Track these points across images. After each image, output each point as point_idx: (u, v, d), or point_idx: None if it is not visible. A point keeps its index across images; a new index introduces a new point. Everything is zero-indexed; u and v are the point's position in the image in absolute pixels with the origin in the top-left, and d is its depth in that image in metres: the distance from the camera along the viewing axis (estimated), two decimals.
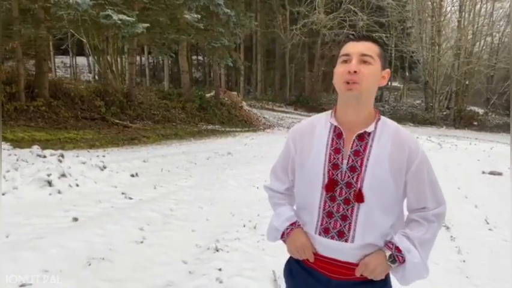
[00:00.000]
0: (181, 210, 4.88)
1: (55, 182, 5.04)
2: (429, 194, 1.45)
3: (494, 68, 29.48)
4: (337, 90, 1.44)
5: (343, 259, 1.44)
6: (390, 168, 1.39)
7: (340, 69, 1.40)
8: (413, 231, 1.44)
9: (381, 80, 1.44)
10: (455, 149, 14.97)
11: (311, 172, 1.46)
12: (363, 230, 1.41)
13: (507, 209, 6.32)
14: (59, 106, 11.81)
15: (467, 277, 3.72)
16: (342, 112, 1.45)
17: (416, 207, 1.48)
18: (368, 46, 1.40)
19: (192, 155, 9.26)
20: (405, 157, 1.40)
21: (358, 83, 1.35)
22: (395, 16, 28.37)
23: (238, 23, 16.80)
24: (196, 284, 3.04)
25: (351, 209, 1.40)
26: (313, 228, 1.47)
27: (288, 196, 1.64)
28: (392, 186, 1.40)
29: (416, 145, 1.43)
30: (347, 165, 1.41)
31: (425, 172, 1.44)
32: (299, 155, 1.51)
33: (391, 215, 1.45)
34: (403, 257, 1.39)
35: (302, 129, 1.55)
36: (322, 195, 1.44)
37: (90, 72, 33.59)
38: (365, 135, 1.42)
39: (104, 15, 10.28)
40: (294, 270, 1.58)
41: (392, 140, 1.41)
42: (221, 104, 19.33)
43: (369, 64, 1.37)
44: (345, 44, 1.45)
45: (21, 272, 2.84)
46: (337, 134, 1.44)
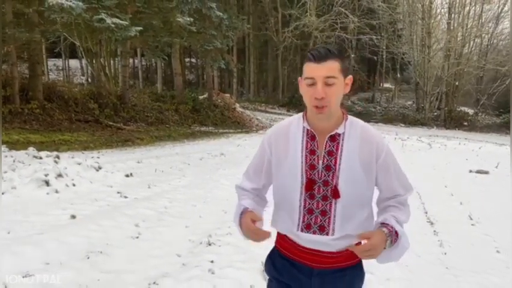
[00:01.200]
0: (175, 208, 5.06)
1: (52, 182, 5.20)
2: (398, 183, 1.59)
3: (484, 69, 29.88)
4: (307, 106, 1.52)
5: (323, 249, 1.54)
6: (361, 164, 1.51)
7: (308, 94, 1.47)
8: (398, 214, 1.55)
9: (345, 88, 1.53)
10: (445, 148, 15.23)
11: (289, 173, 1.54)
12: (342, 222, 1.51)
13: (491, 206, 6.57)
14: (53, 109, 11.93)
15: (446, 268, 3.92)
16: (312, 120, 1.54)
17: (388, 196, 1.61)
18: (329, 67, 1.44)
19: (185, 156, 9.42)
20: (373, 152, 1.52)
21: (326, 106, 1.44)
22: (386, 18, 28.72)
23: (231, 26, 17.01)
24: (189, 275, 3.22)
25: (330, 205, 1.51)
26: (296, 225, 1.55)
27: (252, 193, 1.71)
28: (364, 180, 1.52)
29: (381, 140, 1.56)
30: (323, 165, 1.51)
31: (391, 163, 1.57)
32: (275, 158, 1.60)
33: (364, 206, 1.57)
34: (397, 240, 1.49)
35: (277, 133, 1.62)
36: (302, 194, 1.53)
37: (83, 74, 33.60)
38: (336, 136, 1.52)
39: (98, 18, 10.46)
40: (278, 263, 1.65)
41: (360, 138, 1.53)
42: (214, 106, 19.50)
43: (333, 85, 1.44)
44: (307, 63, 1.49)
45: (23, 264, 3.01)
46: (310, 136, 1.54)
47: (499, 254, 4.39)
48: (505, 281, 3.67)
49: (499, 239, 4.83)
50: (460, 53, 28.66)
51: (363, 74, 32.90)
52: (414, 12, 28.87)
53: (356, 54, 31.68)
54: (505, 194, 7.54)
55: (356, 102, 32.47)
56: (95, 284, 2.93)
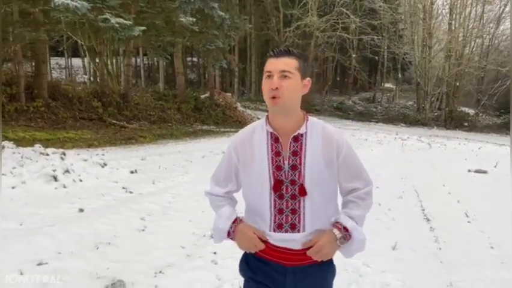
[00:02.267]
0: (179, 203, 5.22)
1: (60, 177, 5.37)
2: (358, 177, 1.67)
3: (485, 70, 30.01)
4: (266, 102, 1.58)
5: (295, 247, 1.60)
6: (324, 161, 1.58)
7: (265, 86, 1.55)
8: (352, 210, 1.63)
9: (303, 88, 1.60)
10: (444, 148, 15.36)
11: (258, 176, 1.60)
12: (311, 219, 1.58)
13: (487, 204, 6.70)
14: (58, 107, 12.11)
15: (440, 262, 4.06)
16: (273, 120, 1.60)
17: (348, 189, 1.68)
18: (286, 62, 1.54)
19: (187, 154, 9.59)
20: (334, 148, 1.59)
21: (280, 97, 1.50)
22: (387, 18, 28.82)
23: (233, 26, 17.14)
24: (193, 265, 3.38)
25: (298, 203, 1.57)
26: (268, 226, 1.60)
27: (228, 198, 1.76)
28: (327, 176, 1.59)
29: (341, 138, 1.63)
30: (289, 165, 1.57)
31: (351, 159, 1.64)
32: (242, 163, 1.64)
33: (331, 201, 1.65)
34: (350, 235, 1.58)
35: (242, 140, 1.67)
36: (271, 195, 1.58)
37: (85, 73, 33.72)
38: (299, 136, 1.58)
39: (102, 18, 10.60)
40: (252, 263, 1.69)
41: (321, 136, 1.60)
42: (216, 105, 19.66)
43: (288, 78, 1.52)
44: (268, 59, 1.58)
45: (37, 253, 3.18)
46: (274, 139, 1.59)
47: (493, 249, 4.52)
48: (498, 276, 3.81)
49: (494, 236, 4.96)
50: (461, 54, 28.77)
51: (364, 73, 33.01)
52: (415, 12, 28.98)
53: (357, 54, 31.81)
54: (502, 193, 7.67)
55: (357, 102, 32.62)
56: (105, 272, 3.09)
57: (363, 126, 24.06)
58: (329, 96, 33.66)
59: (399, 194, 6.83)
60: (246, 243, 1.63)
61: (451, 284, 3.49)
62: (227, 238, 1.70)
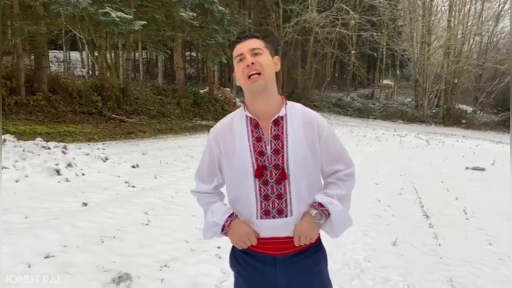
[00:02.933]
0: (181, 198, 5.25)
1: (63, 171, 5.40)
2: (339, 159, 1.65)
3: (483, 67, 30.15)
4: (243, 86, 1.57)
5: (283, 235, 1.57)
6: (307, 143, 1.56)
7: (240, 67, 1.54)
8: (331, 190, 1.62)
9: (274, 66, 1.60)
10: (442, 145, 15.46)
11: (240, 164, 1.56)
12: (298, 202, 1.55)
13: (485, 201, 6.77)
14: (58, 101, 12.10)
15: (440, 258, 4.12)
16: (252, 104, 1.58)
17: (329, 172, 1.66)
18: (254, 42, 1.56)
19: (188, 149, 9.62)
20: (315, 131, 1.58)
21: (260, 72, 1.50)
22: (387, 15, 28.84)
23: (232, 21, 17.13)
24: (198, 259, 3.42)
25: (284, 187, 1.54)
26: (254, 214, 1.56)
27: (217, 194, 1.73)
28: (311, 158, 1.57)
29: (322, 121, 1.62)
30: (271, 150, 1.54)
31: (332, 142, 1.63)
32: (224, 153, 1.61)
33: (316, 184, 1.64)
34: (327, 210, 1.56)
35: (222, 129, 1.64)
36: (255, 182, 1.54)
37: (83, 67, 33.61)
38: (279, 120, 1.56)
39: (103, 12, 10.59)
40: (240, 258, 1.66)
41: (302, 120, 1.58)
42: (215, 100, 19.68)
43: (260, 55, 1.53)
44: (235, 46, 1.59)
45: (43, 245, 3.22)
46: (254, 124, 1.57)
47: (491, 246, 4.58)
48: (496, 271, 3.87)
49: (492, 233, 5.03)
50: (459, 51, 28.89)
51: (363, 70, 33.02)
52: (414, 9, 29.04)
53: (356, 50, 31.82)
54: (499, 190, 7.75)
55: (355, 99, 32.67)
56: (111, 265, 3.13)
57: (361, 122, 24.14)
58: (328, 92, 33.70)
59: (399, 190, 6.89)
60: (241, 236, 1.58)
61: (450, 279, 3.55)
62: (220, 233, 1.66)
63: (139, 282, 2.94)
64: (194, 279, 3.06)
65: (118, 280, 2.91)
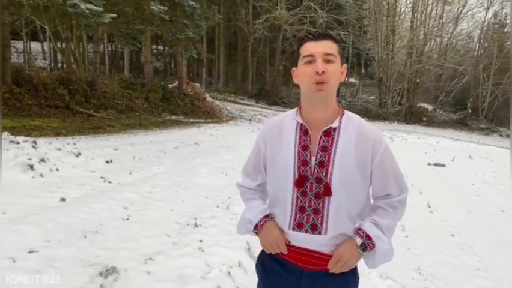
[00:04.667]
0: (159, 193, 5.30)
1: (36, 166, 5.31)
2: (393, 182, 1.52)
3: (443, 68, 31.42)
4: (304, 91, 1.46)
5: (316, 249, 1.48)
6: (356, 160, 1.44)
7: (307, 71, 1.42)
8: (381, 218, 1.50)
9: (341, 76, 1.49)
10: (405, 142, 16.05)
11: (282, 169, 1.49)
12: (335, 221, 1.45)
13: (447, 195, 7.19)
14: (22, 93, 11.69)
15: (408, 249, 4.39)
16: (308, 111, 1.48)
17: (380, 195, 1.54)
18: (328, 45, 1.43)
19: (160, 144, 9.58)
20: (369, 149, 1.45)
21: (326, 82, 1.39)
22: (353, 14, 29.51)
23: (203, 15, 17.04)
24: (181, 252, 3.51)
25: (322, 203, 1.45)
26: (287, 224, 1.49)
27: (260, 192, 1.67)
28: (358, 177, 1.45)
29: (378, 136, 1.49)
30: (316, 161, 1.45)
31: (388, 161, 1.50)
32: (270, 153, 1.54)
33: (360, 205, 1.51)
34: (373, 244, 1.46)
35: (271, 128, 1.57)
36: (294, 191, 1.47)
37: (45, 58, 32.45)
38: (331, 131, 1.46)
39: (72, 3, 10.31)
40: (267, 263, 1.59)
41: (356, 133, 1.46)
42: (184, 95, 19.53)
43: (332, 63, 1.41)
44: (305, 43, 1.46)
45: (26, 241, 3.21)
46: (304, 131, 1.48)
47: (453, 237, 4.92)
48: (458, 260, 4.18)
49: (454, 225, 5.39)
50: (421, 51, 29.93)
51: None
52: (379, 9, 29.80)
53: None
54: (459, 184, 8.23)
55: None
56: (96, 259, 3.17)
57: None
58: (296, 89, 34.05)
59: None
60: (270, 241, 1.53)
61: (418, 268, 3.81)
62: (253, 231, 1.61)
63: (126, 275, 3.00)
64: (180, 271, 3.15)
65: (105, 273, 2.96)
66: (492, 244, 4.77)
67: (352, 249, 1.46)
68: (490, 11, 30.59)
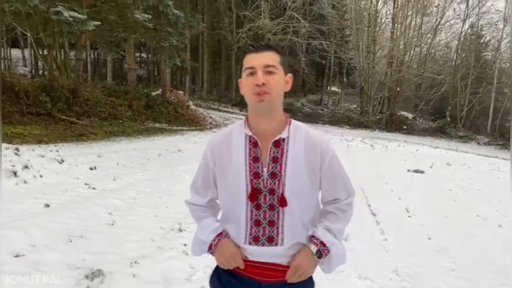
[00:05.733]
0: (143, 200, 5.36)
1: (20, 173, 5.31)
2: (341, 187, 1.55)
3: (422, 77, 32.17)
4: (247, 101, 1.45)
5: (273, 261, 1.48)
6: (307, 169, 1.45)
7: (248, 83, 1.41)
8: (332, 223, 1.52)
9: (285, 85, 1.48)
10: (386, 150, 16.34)
11: (234, 184, 1.47)
12: (291, 231, 1.46)
13: (425, 201, 7.39)
14: (4, 101, 11.52)
15: (387, 251, 4.55)
16: (255, 122, 1.47)
17: (329, 199, 1.57)
18: (269, 56, 1.42)
19: (143, 152, 9.60)
20: (318, 156, 1.47)
21: (268, 93, 1.38)
22: (335, 24, 30.04)
23: (187, 24, 17.18)
24: (166, 256, 3.59)
25: (277, 214, 1.44)
26: (243, 239, 1.48)
27: (211, 208, 1.63)
28: (309, 185, 1.47)
29: (326, 144, 1.51)
30: (268, 173, 1.44)
31: (336, 167, 1.53)
32: (219, 168, 1.51)
33: (311, 212, 1.53)
34: (328, 250, 1.47)
35: (219, 142, 1.54)
36: (248, 205, 1.45)
37: (25, 65, 32.01)
38: (281, 141, 1.45)
39: (55, 11, 10.33)
40: (223, 278, 1.57)
41: (305, 142, 1.47)
42: (168, 103, 19.52)
43: (273, 74, 1.41)
44: (248, 55, 1.46)
45: (12, 245, 3.24)
46: (253, 143, 1.46)
47: (430, 240, 5.10)
48: (435, 262, 4.34)
49: (431, 228, 5.57)
50: (401, 61, 30.55)
51: (312, 77, 34.09)
52: (361, 20, 30.37)
53: (306, 57, 32.80)
54: (437, 190, 8.47)
55: (305, 104, 33.56)
56: (82, 263, 3.22)
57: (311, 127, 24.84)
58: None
59: None
60: (226, 257, 1.49)
61: (396, 269, 3.96)
62: (207, 252, 1.57)
63: (111, 278, 3.07)
64: (165, 274, 3.23)
65: (92, 276, 3.02)
66: (466, 246, 4.97)
67: (308, 258, 1.47)
68: (466, 22, 31.47)
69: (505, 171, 12.89)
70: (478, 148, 23.74)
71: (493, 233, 5.70)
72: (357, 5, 30.43)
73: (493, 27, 31.67)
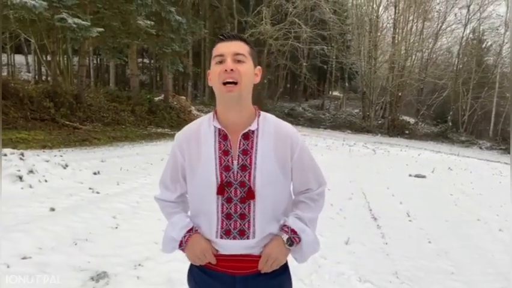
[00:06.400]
0: (146, 203, 5.42)
1: (25, 177, 5.40)
2: (312, 177, 1.56)
3: (424, 82, 32.25)
4: (216, 92, 1.44)
5: (245, 253, 1.47)
6: (277, 160, 1.44)
7: (217, 69, 1.39)
8: (303, 212, 1.52)
9: (254, 77, 1.48)
10: (388, 154, 16.38)
11: (203, 177, 1.44)
12: (262, 224, 1.45)
13: (426, 205, 7.44)
14: (8, 106, 11.70)
15: (387, 254, 4.60)
16: (224, 114, 1.46)
17: (300, 190, 1.58)
18: (239, 45, 1.41)
19: (146, 156, 9.68)
20: (288, 147, 1.47)
21: (237, 82, 1.37)
22: (336, 30, 30.14)
23: (189, 30, 17.32)
24: (169, 258, 3.63)
25: (248, 207, 1.43)
26: (214, 233, 1.45)
27: (181, 203, 1.61)
28: (281, 177, 1.46)
29: (296, 135, 1.51)
30: (238, 165, 1.43)
31: (306, 158, 1.53)
32: (188, 162, 1.49)
33: (284, 203, 1.53)
34: (299, 237, 1.47)
35: (187, 136, 1.52)
36: (218, 199, 1.43)
37: (29, 71, 32.25)
38: (250, 134, 1.44)
39: (59, 18, 10.46)
40: (197, 277, 1.56)
41: (274, 134, 1.46)
42: (170, 108, 19.66)
43: (243, 62, 1.40)
44: (217, 44, 1.44)
45: (19, 248, 3.32)
46: (222, 136, 1.45)
47: (430, 244, 5.14)
48: (434, 265, 4.39)
49: (431, 232, 5.61)
50: (403, 66, 30.67)
51: (313, 81, 34.19)
52: (362, 25, 30.54)
53: (308, 62, 32.91)
54: (438, 195, 8.51)
55: (306, 109, 33.67)
56: (87, 265, 3.30)
57: (312, 132, 24.94)
58: (280, 103, 34.50)
59: (349, 195, 7.40)
60: (197, 254, 1.48)
61: (396, 272, 4.01)
62: (178, 248, 1.56)
63: (116, 279, 3.13)
64: (168, 275, 3.29)
65: (97, 278, 3.09)
66: (467, 250, 5.01)
67: (279, 246, 1.46)
68: (468, 27, 31.59)
69: (506, 176, 12.91)
70: (480, 153, 23.75)
71: (494, 237, 5.74)
72: (358, 11, 30.66)
73: (494, 32, 31.85)
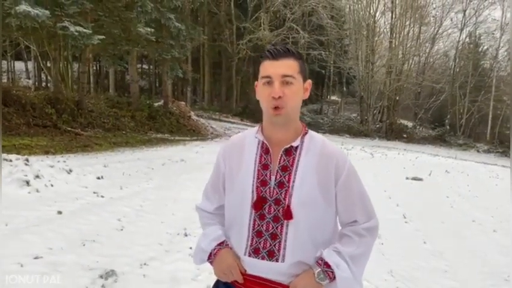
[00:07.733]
0: (149, 207, 5.60)
1: (32, 182, 5.58)
2: (359, 207, 1.42)
3: (421, 86, 32.51)
4: (263, 110, 1.40)
5: (274, 278, 1.38)
6: (319, 182, 1.36)
7: (265, 93, 1.35)
8: (344, 246, 1.38)
9: (304, 93, 1.43)
10: (385, 158, 16.53)
11: (240, 190, 1.40)
12: (294, 248, 1.35)
13: (422, 207, 7.60)
14: (10, 113, 11.86)
15: (383, 254, 4.75)
16: (269, 130, 1.41)
17: (346, 221, 1.45)
18: (287, 65, 1.35)
19: (147, 161, 9.85)
20: (332, 170, 1.37)
21: (284, 107, 1.33)
22: (334, 35, 30.46)
23: (188, 36, 17.55)
24: (173, 258, 3.82)
25: (281, 227, 1.35)
26: (243, 249, 1.39)
27: (218, 215, 1.55)
28: (320, 200, 1.36)
29: (343, 157, 1.41)
30: (275, 181, 1.36)
31: (354, 184, 1.41)
32: (229, 172, 1.46)
33: (325, 232, 1.41)
34: (333, 272, 1.33)
35: (232, 146, 1.50)
36: (251, 214, 1.38)
37: (29, 78, 32.42)
38: (292, 150, 1.38)
39: (61, 26, 10.66)
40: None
41: (319, 153, 1.39)
42: (170, 113, 19.82)
43: (291, 84, 1.34)
44: (264, 62, 1.38)
45: (31, 248, 3.48)
46: (265, 149, 1.41)
47: (425, 244, 5.30)
48: (429, 265, 4.55)
49: (427, 233, 5.77)
50: (400, 70, 30.89)
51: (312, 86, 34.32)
52: (359, 30, 30.77)
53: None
54: (434, 197, 8.67)
55: (305, 114, 33.84)
56: (96, 264, 3.46)
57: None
58: None
59: None
60: (223, 269, 1.42)
61: (391, 271, 4.17)
62: (207, 261, 1.50)
63: (124, 277, 3.30)
64: (173, 274, 3.46)
65: (106, 276, 3.25)
66: (461, 250, 5.17)
67: (310, 279, 1.34)
68: (464, 31, 31.93)
69: (503, 178, 13.08)
70: (478, 156, 23.93)
71: (488, 237, 5.90)
72: (355, 16, 30.91)
73: (490, 36, 32.16)
